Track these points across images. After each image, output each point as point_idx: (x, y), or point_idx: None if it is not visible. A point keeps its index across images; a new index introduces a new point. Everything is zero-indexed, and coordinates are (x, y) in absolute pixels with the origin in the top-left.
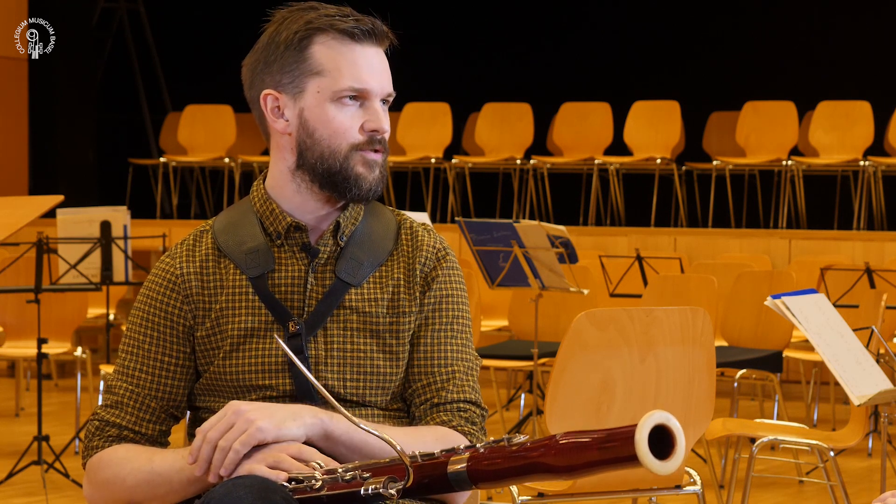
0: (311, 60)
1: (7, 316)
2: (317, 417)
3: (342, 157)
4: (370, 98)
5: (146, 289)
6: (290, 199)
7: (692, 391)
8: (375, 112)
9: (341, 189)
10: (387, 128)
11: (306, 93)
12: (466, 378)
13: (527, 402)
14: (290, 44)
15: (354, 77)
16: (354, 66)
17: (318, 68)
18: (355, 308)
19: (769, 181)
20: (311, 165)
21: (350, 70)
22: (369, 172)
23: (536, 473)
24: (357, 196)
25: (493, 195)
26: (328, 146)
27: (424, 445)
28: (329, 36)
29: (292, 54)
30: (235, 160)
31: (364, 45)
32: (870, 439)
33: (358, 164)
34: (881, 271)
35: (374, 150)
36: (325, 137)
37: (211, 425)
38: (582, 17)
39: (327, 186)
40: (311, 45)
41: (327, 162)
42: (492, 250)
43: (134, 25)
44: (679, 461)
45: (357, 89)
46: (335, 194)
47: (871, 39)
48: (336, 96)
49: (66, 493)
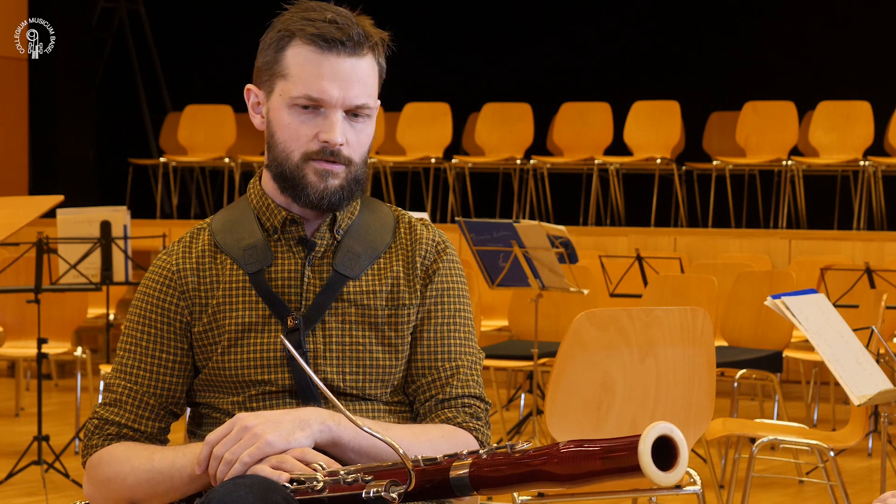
0: (282, 63)
1: (7, 316)
2: (325, 424)
3: (293, 164)
4: (329, 108)
5: (143, 286)
6: (279, 195)
7: (692, 391)
8: (331, 123)
9: (293, 194)
10: (339, 140)
11: (273, 94)
12: (470, 372)
13: (527, 402)
14: (272, 43)
15: (311, 85)
16: (315, 74)
17: (284, 71)
18: (353, 301)
19: (769, 181)
20: (270, 165)
21: (310, 78)
22: (320, 182)
23: (538, 481)
24: (309, 202)
25: (493, 195)
26: (283, 150)
27: (431, 443)
28: (302, 41)
29: (271, 54)
30: (235, 160)
31: (332, 55)
32: (870, 439)
33: (309, 173)
34: (881, 271)
35: (328, 160)
36: (282, 141)
37: (218, 438)
38: (582, 17)
39: (284, 189)
40: (286, 48)
41: (282, 165)
42: (492, 250)
43: (134, 25)
44: (682, 472)
45: (312, 98)
46: (291, 198)
47: (871, 39)
48: (292, 102)
49: (66, 493)
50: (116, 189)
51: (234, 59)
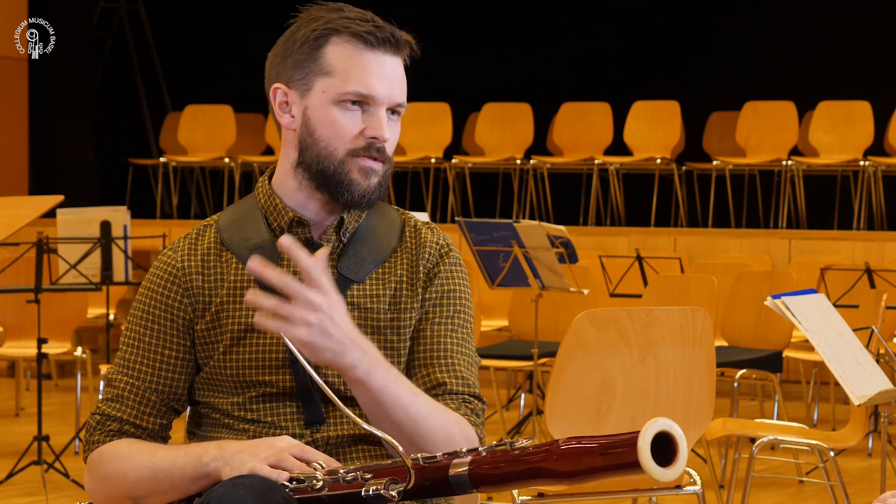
0: (323, 60)
1: (7, 316)
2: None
3: (337, 161)
4: (375, 105)
5: (147, 282)
6: (292, 195)
7: (692, 391)
8: (378, 120)
9: (334, 192)
10: (387, 136)
11: (313, 91)
12: (468, 371)
13: (527, 402)
14: (306, 41)
15: (361, 82)
16: (364, 70)
17: (327, 69)
18: (357, 304)
19: (769, 181)
20: (308, 164)
21: (358, 74)
22: (364, 179)
23: (538, 478)
24: (349, 201)
25: (493, 195)
26: (325, 147)
27: (448, 422)
28: (344, 38)
29: (307, 52)
30: (235, 160)
31: (378, 52)
32: (870, 439)
33: (353, 170)
34: (881, 271)
35: (373, 157)
36: (324, 138)
37: None
38: (582, 17)
39: (322, 187)
40: (325, 45)
41: (323, 163)
42: (492, 250)
43: (134, 25)
44: (681, 468)
45: (362, 94)
46: (329, 196)
47: (871, 39)
48: (340, 98)
49: (66, 493)
50: (116, 189)
51: (234, 59)
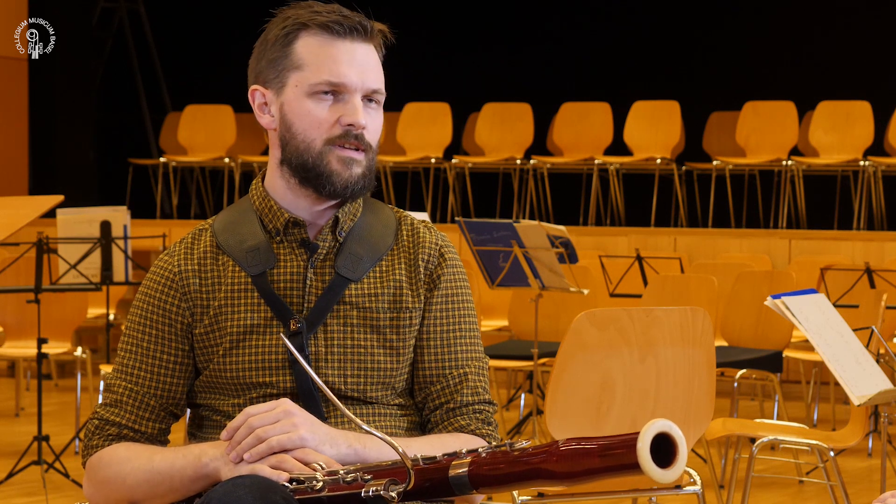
0: (294, 55)
1: (7, 316)
2: (352, 448)
3: (316, 152)
4: (349, 92)
5: (145, 287)
6: (283, 195)
7: (692, 391)
8: (353, 106)
9: (316, 185)
10: (363, 122)
11: (287, 87)
12: (479, 378)
13: (527, 402)
14: (276, 40)
15: (331, 71)
16: (332, 60)
17: (298, 63)
18: (355, 303)
19: (769, 181)
20: (289, 160)
21: (328, 64)
22: (345, 170)
23: (538, 479)
24: (332, 192)
25: (493, 195)
26: (303, 140)
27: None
28: (312, 32)
29: (278, 50)
30: (235, 160)
31: (346, 40)
32: (870, 439)
33: (333, 161)
34: (881, 271)
35: (352, 146)
36: (301, 131)
37: (258, 411)
38: (582, 16)
39: (305, 182)
40: (295, 41)
41: (303, 156)
42: (492, 250)
43: (134, 25)
44: (681, 470)
45: (333, 83)
46: (313, 190)
47: (871, 39)
48: (312, 90)
49: (66, 493)
50: (116, 189)
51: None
